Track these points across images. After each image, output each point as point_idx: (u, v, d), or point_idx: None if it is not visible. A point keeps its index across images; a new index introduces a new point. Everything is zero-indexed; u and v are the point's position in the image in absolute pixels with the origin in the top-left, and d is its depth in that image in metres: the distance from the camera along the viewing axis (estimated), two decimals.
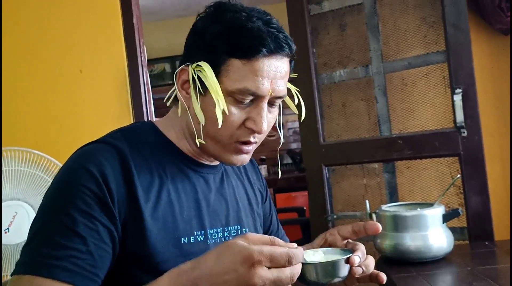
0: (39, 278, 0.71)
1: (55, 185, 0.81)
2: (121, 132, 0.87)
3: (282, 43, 0.81)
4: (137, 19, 2.10)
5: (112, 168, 0.79)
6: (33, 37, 2.08)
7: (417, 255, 1.38)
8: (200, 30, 0.84)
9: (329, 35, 2.02)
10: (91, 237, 0.74)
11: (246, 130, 0.83)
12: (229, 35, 0.79)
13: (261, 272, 0.64)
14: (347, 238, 0.87)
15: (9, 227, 1.54)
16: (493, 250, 1.52)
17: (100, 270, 0.75)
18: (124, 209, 0.78)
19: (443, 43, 1.74)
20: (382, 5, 1.90)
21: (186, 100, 0.85)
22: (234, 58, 0.79)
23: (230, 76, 0.80)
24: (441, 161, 1.79)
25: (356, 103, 1.98)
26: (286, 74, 0.84)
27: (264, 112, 0.82)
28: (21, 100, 2.06)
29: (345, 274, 0.74)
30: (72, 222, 0.74)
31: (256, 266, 0.64)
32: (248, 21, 0.79)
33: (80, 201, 0.75)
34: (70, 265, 0.72)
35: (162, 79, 5.11)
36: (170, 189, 0.85)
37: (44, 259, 0.72)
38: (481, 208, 1.66)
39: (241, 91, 0.79)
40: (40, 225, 0.77)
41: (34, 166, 1.63)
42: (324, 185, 1.94)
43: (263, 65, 0.79)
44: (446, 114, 1.77)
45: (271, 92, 0.81)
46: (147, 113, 2.10)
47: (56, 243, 0.73)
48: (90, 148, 0.83)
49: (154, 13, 4.75)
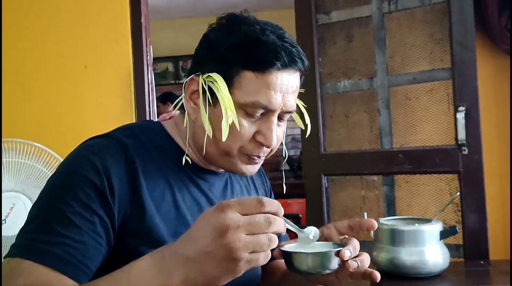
0: (28, 261, 0.71)
1: (58, 173, 0.81)
2: (130, 129, 0.87)
3: (295, 58, 0.81)
4: (145, 18, 2.10)
5: (117, 164, 0.79)
6: (40, 31, 2.08)
7: (412, 270, 1.38)
8: (213, 42, 0.84)
9: (335, 46, 2.03)
10: (87, 228, 0.74)
11: (255, 143, 0.83)
12: (244, 47, 0.80)
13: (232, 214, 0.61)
14: (343, 233, 0.86)
15: (6, 218, 1.54)
16: (487, 270, 1.52)
17: (91, 262, 0.75)
18: (125, 206, 0.78)
19: (448, 60, 1.75)
20: (390, 19, 1.91)
21: (194, 111, 0.85)
22: (247, 70, 0.79)
23: (242, 88, 0.80)
24: (440, 177, 1.80)
25: (358, 115, 1.99)
26: (297, 89, 0.84)
27: (274, 126, 0.82)
28: (25, 93, 2.06)
29: (335, 267, 0.74)
30: (69, 210, 0.74)
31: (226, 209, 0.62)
32: (262, 34, 0.80)
33: (80, 192, 0.75)
34: (62, 253, 0.72)
35: (164, 79, 5.12)
36: (175, 190, 0.85)
37: (36, 244, 0.72)
38: (477, 227, 1.67)
39: (253, 105, 0.80)
40: (39, 210, 0.77)
41: (35, 158, 1.63)
42: (323, 194, 1.94)
43: (276, 79, 0.79)
44: (448, 131, 1.78)
45: (282, 106, 0.81)
46: (149, 111, 2.10)
47: (51, 230, 0.73)
48: (97, 142, 0.83)
49: (160, 12, 4.76)
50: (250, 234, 0.61)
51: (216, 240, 0.61)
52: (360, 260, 0.76)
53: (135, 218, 0.79)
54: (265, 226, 0.62)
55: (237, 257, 0.61)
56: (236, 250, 0.61)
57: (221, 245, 0.61)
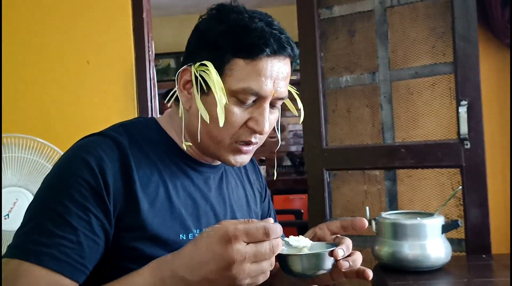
0: (27, 263, 0.71)
1: (52, 174, 0.81)
2: (123, 126, 0.87)
3: (284, 44, 0.81)
4: (147, 13, 2.10)
5: (111, 162, 0.79)
6: (43, 26, 2.08)
7: (414, 264, 1.39)
8: (203, 31, 0.85)
9: (337, 40, 2.03)
10: (83, 228, 0.75)
11: (247, 130, 0.84)
12: (233, 35, 0.80)
13: (239, 246, 0.64)
14: (336, 233, 0.87)
15: (9, 213, 1.54)
16: (490, 263, 1.52)
17: (88, 262, 0.75)
18: (120, 203, 0.78)
19: (451, 54, 1.75)
20: (392, 13, 1.90)
21: (188, 100, 0.85)
22: (237, 58, 0.80)
23: (233, 75, 0.80)
24: (442, 171, 1.79)
25: (361, 109, 1.99)
26: (287, 76, 0.85)
27: (266, 113, 0.83)
28: (27, 88, 2.06)
29: (329, 266, 0.75)
30: (65, 211, 0.74)
31: (233, 241, 0.64)
32: (251, 22, 0.80)
33: (75, 192, 0.75)
34: (59, 254, 0.72)
35: (166, 75, 5.11)
36: (169, 186, 0.85)
37: (33, 246, 0.73)
38: (480, 221, 1.67)
39: (245, 91, 0.80)
40: (34, 211, 0.77)
41: (37, 153, 1.64)
42: (325, 189, 1.94)
43: (266, 65, 0.80)
44: (450, 125, 1.78)
45: (274, 93, 0.82)
46: (151, 107, 2.10)
47: (47, 231, 0.73)
48: (91, 140, 0.83)
49: (162, 8, 4.75)
50: (254, 263, 0.65)
51: (221, 271, 0.64)
52: (352, 259, 0.77)
53: (130, 214, 0.79)
54: (269, 254, 0.65)
55: (240, 284, 0.65)
56: (240, 280, 0.64)
57: (226, 276, 0.64)
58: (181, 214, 0.85)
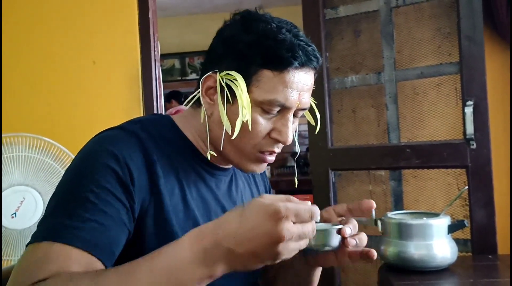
0: (58, 244, 0.70)
1: (77, 163, 0.81)
2: (141, 123, 0.88)
3: (311, 57, 0.82)
4: (152, 13, 2.11)
5: (135, 155, 0.80)
6: (49, 27, 2.09)
7: (420, 264, 1.38)
8: (229, 38, 0.84)
9: (343, 41, 2.03)
10: (111, 213, 0.75)
11: (270, 140, 0.84)
12: (262, 46, 0.80)
13: (288, 225, 0.65)
14: (342, 215, 0.88)
15: (16, 212, 1.55)
16: (496, 264, 1.52)
17: (116, 247, 0.75)
18: (144, 196, 0.79)
19: (456, 54, 1.75)
20: (398, 14, 1.90)
21: (210, 107, 0.85)
22: (265, 69, 0.80)
23: (260, 86, 0.81)
24: (448, 172, 1.79)
25: (366, 110, 1.98)
26: (311, 87, 0.86)
27: (290, 123, 0.84)
28: (34, 88, 2.08)
29: (336, 244, 0.77)
30: (94, 197, 0.74)
31: (283, 220, 0.64)
32: (279, 33, 0.80)
33: (102, 178, 0.75)
34: (90, 236, 0.72)
35: (171, 75, 5.12)
36: (184, 185, 0.86)
37: (64, 228, 0.72)
38: (485, 221, 1.66)
39: (271, 102, 0.81)
40: (60, 199, 0.77)
41: (44, 153, 1.65)
42: (330, 189, 1.94)
43: (293, 78, 0.81)
44: (456, 125, 1.78)
45: (298, 104, 0.83)
46: (157, 106, 2.11)
47: (77, 215, 0.73)
48: (113, 133, 0.83)
49: (166, 8, 4.76)
50: (296, 242, 0.67)
51: (268, 246, 0.65)
52: (358, 238, 0.78)
53: (153, 208, 0.80)
54: (309, 234, 0.67)
55: (279, 259, 0.67)
56: (282, 256, 0.66)
57: (271, 251, 0.65)
58: (194, 214, 0.85)
